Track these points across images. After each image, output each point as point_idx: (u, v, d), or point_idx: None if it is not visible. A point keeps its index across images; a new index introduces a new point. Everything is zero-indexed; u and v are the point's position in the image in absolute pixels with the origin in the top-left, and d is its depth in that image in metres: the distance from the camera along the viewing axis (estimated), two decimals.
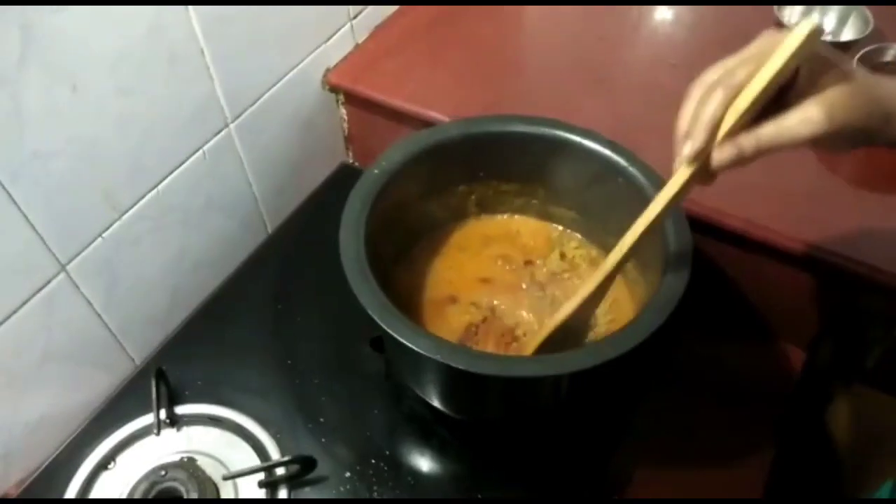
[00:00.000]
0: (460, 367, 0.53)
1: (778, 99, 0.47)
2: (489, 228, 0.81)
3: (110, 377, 0.79)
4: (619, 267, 0.59)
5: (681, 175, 0.51)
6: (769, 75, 0.45)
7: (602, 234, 0.77)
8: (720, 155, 0.47)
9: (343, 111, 1.00)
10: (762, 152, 0.47)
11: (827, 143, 0.47)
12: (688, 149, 0.48)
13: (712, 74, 0.49)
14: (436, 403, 0.68)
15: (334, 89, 0.97)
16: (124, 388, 0.77)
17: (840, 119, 0.45)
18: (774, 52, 0.45)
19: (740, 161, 0.47)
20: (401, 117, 0.93)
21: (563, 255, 0.79)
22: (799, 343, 0.85)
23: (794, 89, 0.47)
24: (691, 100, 0.49)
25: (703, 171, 0.49)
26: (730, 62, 0.48)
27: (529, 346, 0.68)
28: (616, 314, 0.73)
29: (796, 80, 0.47)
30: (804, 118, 0.46)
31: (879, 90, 0.47)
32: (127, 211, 0.73)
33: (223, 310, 0.84)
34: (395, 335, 0.55)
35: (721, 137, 0.47)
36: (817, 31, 0.44)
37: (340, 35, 0.95)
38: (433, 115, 0.90)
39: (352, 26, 0.97)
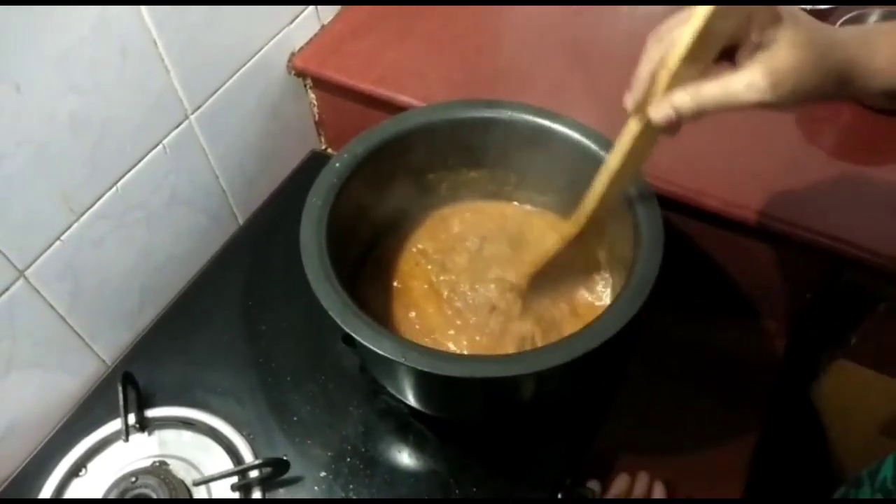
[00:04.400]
0: (425, 369, 0.52)
1: (731, 56, 0.46)
2: (464, 215, 0.79)
3: (82, 381, 0.77)
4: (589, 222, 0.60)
5: (630, 127, 0.52)
6: (692, 30, 0.44)
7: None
8: (657, 110, 0.48)
9: (312, 96, 0.97)
10: (703, 110, 0.46)
11: (777, 107, 0.46)
12: (628, 101, 0.50)
13: (665, 27, 0.48)
14: (410, 402, 0.67)
15: (301, 74, 0.93)
16: (94, 392, 0.76)
17: (788, 86, 0.44)
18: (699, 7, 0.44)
19: (680, 116, 0.47)
20: (372, 101, 0.90)
21: None
22: (783, 320, 0.84)
23: (744, 47, 0.45)
24: (645, 53, 0.49)
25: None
26: (674, 19, 0.47)
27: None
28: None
29: (745, 37, 0.45)
30: (749, 83, 0.44)
31: (836, 54, 0.45)
32: (86, 211, 0.71)
33: (193, 308, 0.82)
34: (358, 338, 0.54)
35: (661, 91, 0.47)
36: None
37: (305, 16, 0.92)
38: (404, 99, 0.87)
39: (316, 7, 0.93)
